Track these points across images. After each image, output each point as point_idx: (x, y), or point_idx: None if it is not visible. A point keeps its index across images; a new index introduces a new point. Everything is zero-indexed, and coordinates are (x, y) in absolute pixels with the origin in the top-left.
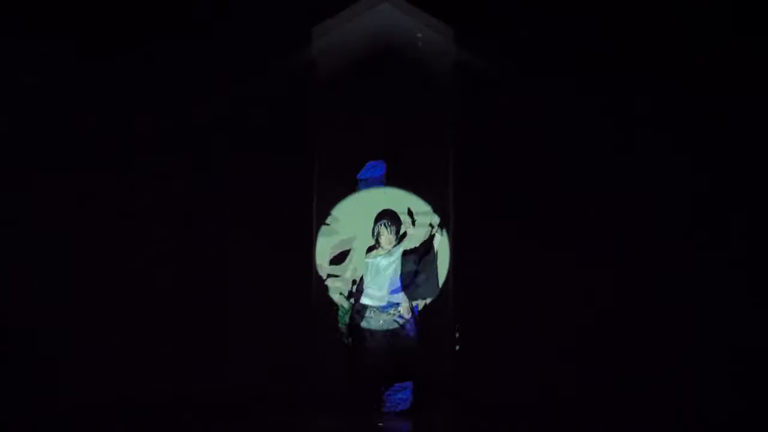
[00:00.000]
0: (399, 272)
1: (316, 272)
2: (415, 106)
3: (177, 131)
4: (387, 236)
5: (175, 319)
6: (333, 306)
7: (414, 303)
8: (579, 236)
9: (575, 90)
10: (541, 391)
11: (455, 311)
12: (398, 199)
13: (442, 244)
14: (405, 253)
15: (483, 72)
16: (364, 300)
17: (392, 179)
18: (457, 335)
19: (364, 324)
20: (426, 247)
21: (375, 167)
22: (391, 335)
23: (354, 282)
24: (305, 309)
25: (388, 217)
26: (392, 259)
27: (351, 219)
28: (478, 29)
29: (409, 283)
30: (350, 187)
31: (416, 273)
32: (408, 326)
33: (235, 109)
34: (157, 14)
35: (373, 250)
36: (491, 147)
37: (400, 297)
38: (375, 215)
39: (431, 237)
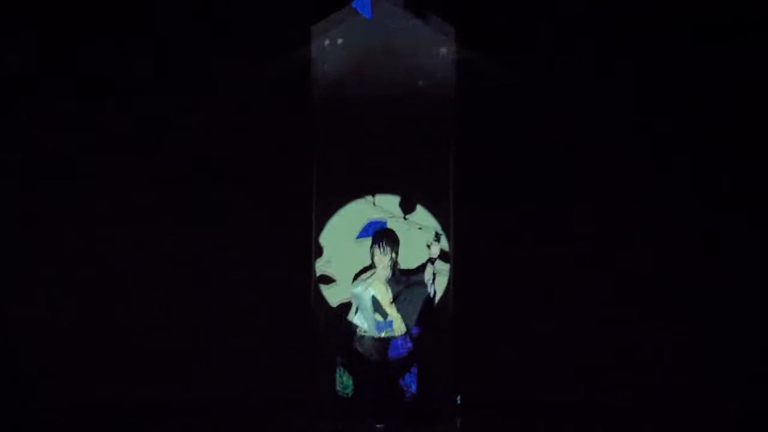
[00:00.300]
0: (372, 306)
1: (316, 273)
2: (415, 105)
3: (176, 131)
4: (379, 258)
5: (175, 320)
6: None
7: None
8: (581, 238)
9: (577, 90)
10: (543, 394)
11: (455, 312)
12: (397, 205)
13: (440, 277)
14: (401, 275)
15: (485, 71)
16: (355, 319)
17: (392, 180)
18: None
19: (357, 332)
20: (417, 277)
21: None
22: (377, 340)
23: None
24: (305, 309)
25: (385, 238)
26: (356, 291)
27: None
28: (479, 28)
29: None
30: (350, 186)
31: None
32: (400, 341)
33: (234, 109)
34: (156, 14)
35: (367, 271)
36: (492, 147)
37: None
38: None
39: (423, 266)
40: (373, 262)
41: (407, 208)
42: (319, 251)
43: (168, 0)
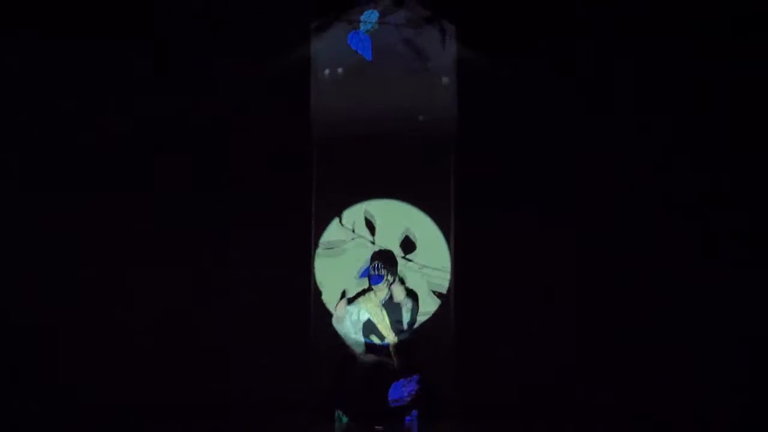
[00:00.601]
0: (365, 329)
1: (316, 274)
2: (415, 105)
3: (176, 131)
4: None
5: (175, 320)
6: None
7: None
8: (581, 238)
9: (577, 90)
10: (543, 394)
11: (456, 313)
12: (398, 210)
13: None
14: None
15: (485, 70)
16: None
17: (392, 182)
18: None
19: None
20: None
21: None
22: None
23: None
24: (305, 311)
25: (382, 259)
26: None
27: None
28: (480, 27)
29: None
30: (349, 187)
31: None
32: (402, 382)
33: (234, 109)
34: (156, 14)
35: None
36: (492, 147)
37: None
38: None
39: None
40: (370, 286)
41: (407, 248)
42: (319, 291)
43: (168, 0)
